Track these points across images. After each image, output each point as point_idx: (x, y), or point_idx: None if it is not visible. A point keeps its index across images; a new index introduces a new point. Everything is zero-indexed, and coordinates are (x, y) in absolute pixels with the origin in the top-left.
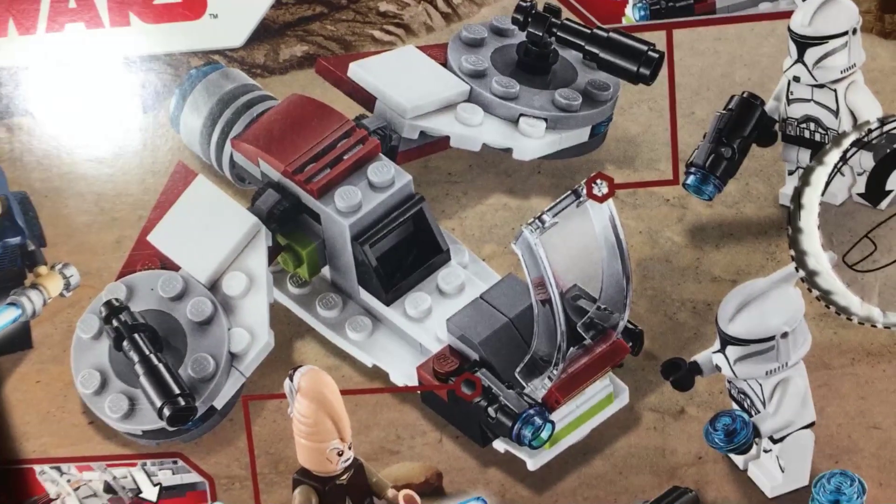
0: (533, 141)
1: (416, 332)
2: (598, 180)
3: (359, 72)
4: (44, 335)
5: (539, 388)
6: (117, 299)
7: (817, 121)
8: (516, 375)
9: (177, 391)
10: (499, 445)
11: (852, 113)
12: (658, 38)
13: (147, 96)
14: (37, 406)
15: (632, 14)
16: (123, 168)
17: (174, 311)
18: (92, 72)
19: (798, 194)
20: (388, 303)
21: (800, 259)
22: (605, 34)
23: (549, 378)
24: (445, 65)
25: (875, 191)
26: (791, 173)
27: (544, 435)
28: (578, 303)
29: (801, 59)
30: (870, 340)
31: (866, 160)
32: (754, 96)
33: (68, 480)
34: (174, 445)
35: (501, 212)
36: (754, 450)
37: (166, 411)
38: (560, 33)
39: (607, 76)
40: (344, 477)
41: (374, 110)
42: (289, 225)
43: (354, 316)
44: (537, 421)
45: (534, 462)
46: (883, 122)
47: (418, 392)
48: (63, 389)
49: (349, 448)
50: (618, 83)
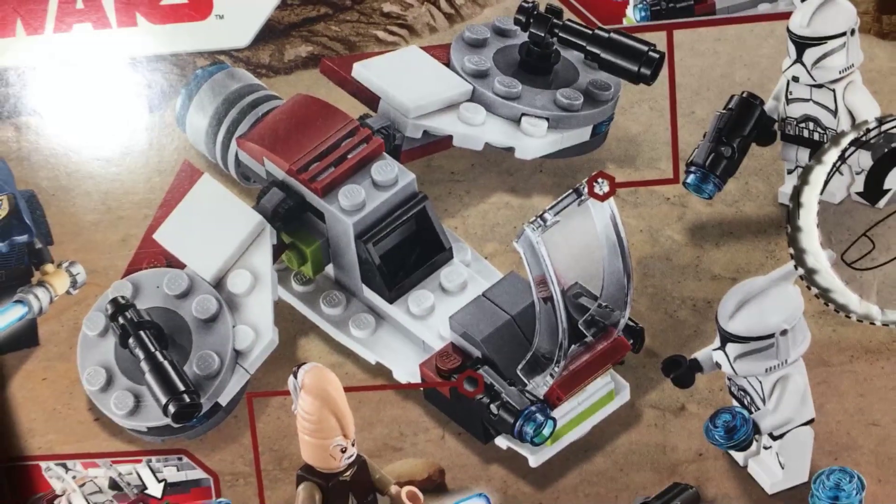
0: (535, 140)
1: (419, 329)
2: (600, 179)
3: (363, 72)
4: (50, 332)
5: (541, 385)
6: (123, 297)
7: (816, 120)
8: (518, 372)
9: (182, 388)
10: (501, 442)
11: (851, 112)
12: (658, 38)
13: (153, 96)
14: (43, 403)
15: (632, 15)
16: (130, 167)
17: (179, 309)
18: (99, 72)
19: (797, 193)
20: (391, 300)
21: (799, 257)
22: (606, 35)
23: (551, 375)
24: (448, 65)
25: (873, 189)
26: (790, 172)
27: (546, 432)
28: (580, 300)
29: (799, 60)
30: (868, 338)
31: (865, 159)
32: (754, 96)
33: (74, 477)
34: (179, 442)
35: (503, 210)
36: (754, 446)
37: (171, 408)
38: (562, 34)
39: (608, 76)
40: (347, 473)
41: (378, 110)
42: (293, 223)
43: (358, 313)
44: (539, 418)
45: (536, 459)
46: (881, 121)
47: (421, 389)
48: (69, 386)
49: (352, 445)
50: (619, 83)
